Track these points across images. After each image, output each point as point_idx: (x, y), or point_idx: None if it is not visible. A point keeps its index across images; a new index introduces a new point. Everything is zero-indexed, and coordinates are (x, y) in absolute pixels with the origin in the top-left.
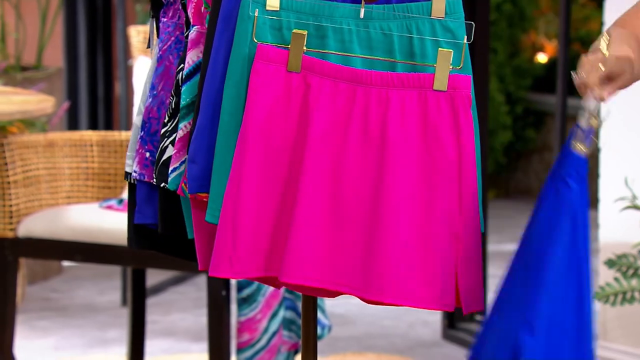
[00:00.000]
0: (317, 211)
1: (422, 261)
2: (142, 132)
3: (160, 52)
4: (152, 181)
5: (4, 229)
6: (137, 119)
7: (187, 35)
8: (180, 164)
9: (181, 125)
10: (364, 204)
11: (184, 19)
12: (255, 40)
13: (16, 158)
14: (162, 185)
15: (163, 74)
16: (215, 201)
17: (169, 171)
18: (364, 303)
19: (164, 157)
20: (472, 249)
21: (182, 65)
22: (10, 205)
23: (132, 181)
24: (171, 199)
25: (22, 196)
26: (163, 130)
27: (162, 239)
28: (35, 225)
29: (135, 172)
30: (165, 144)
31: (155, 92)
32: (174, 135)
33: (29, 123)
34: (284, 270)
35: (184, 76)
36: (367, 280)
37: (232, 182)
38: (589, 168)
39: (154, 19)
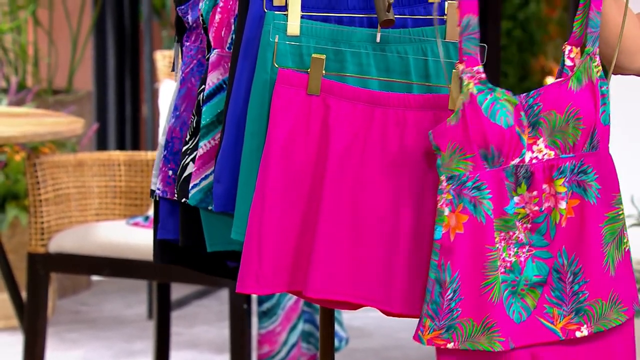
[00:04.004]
0: (338, 227)
1: None
2: (165, 151)
3: (183, 75)
4: (174, 198)
5: (35, 245)
6: (161, 138)
7: (209, 58)
8: (201, 180)
9: (201, 143)
10: (383, 219)
11: (206, 42)
12: (276, 65)
13: (47, 177)
14: (183, 200)
15: (185, 95)
16: (241, 219)
17: (190, 187)
18: (381, 316)
19: (185, 174)
20: None
21: (203, 86)
22: (42, 222)
23: (156, 198)
24: (192, 214)
25: (52, 213)
26: (184, 149)
27: (185, 254)
28: (65, 241)
29: (159, 189)
30: (186, 162)
31: (177, 113)
32: (195, 153)
33: (60, 144)
34: (309, 285)
35: (204, 97)
36: (388, 293)
37: (257, 200)
38: None
39: (179, 44)
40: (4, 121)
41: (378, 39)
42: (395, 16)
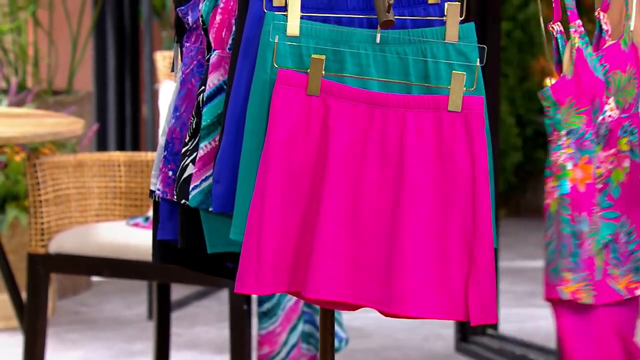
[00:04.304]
0: (338, 228)
1: (438, 275)
2: (165, 152)
3: (183, 76)
4: (174, 199)
5: (35, 246)
6: (161, 139)
7: (209, 59)
8: (201, 182)
9: (202, 145)
10: (383, 220)
11: (206, 43)
12: (276, 66)
13: (47, 178)
14: (182, 202)
15: (185, 96)
16: (240, 219)
17: (190, 189)
18: (380, 317)
19: (185, 175)
20: (486, 263)
21: (202, 87)
22: (42, 223)
23: (156, 199)
24: (191, 215)
25: (53, 214)
26: (184, 150)
27: (185, 255)
28: (66, 242)
29: (158, 190)
30: (186, 163)
31: (178, 114)
32: (195, 154)
33: (60, 144)
34: (308, 286)
35: (205, 98)
36: (387, 294)
37: (256, 200)
38: None
39: (179, 44)
40: (4, 122)
41: (378, 40)
42: (395, 17)
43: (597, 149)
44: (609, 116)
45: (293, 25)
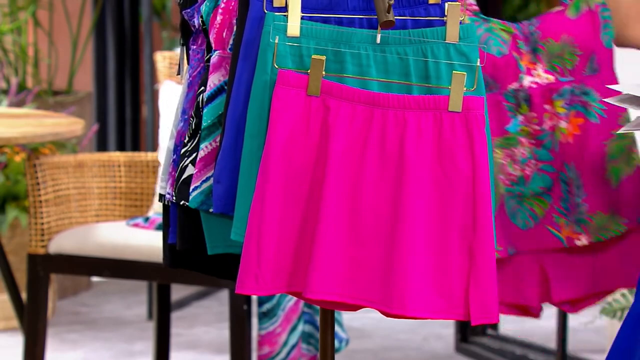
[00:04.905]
0: (338, 228)
1: (438, 275)
2: (174, 156)
3: (190, 78)
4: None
5: (35, 246)
6: (170, 142)
7: (209, 59)
8: (202, 183)
9: (202, 145)
10: (383, 220)
11: (206, 44)
12: (276, 66)
13: (47, 178)
14: (182, 203)
15: (193, 99)
16: (240, 220)
17: (190, 190)
18: (380, 317)
19: (184, 176)
20: (487, 263)
21: (202, 87)
22: (42, 223)
23: (166, 203)
24: (191, 216)
25: (53, 214)
26: (183, 151)
27: (195, 258)
28: (66, 242)
29: (168, 194)
30: (185, 163)
31: (186, 117)
32: (194, 155)
33: (60, 145)
34: (308, 286)
35: (205, 98)
36: (386, 294)
37: (256, 201)
38: None
39: (184, 47)
40: (4, 122)
41: (378, 40)
42: (395, 17)
43: (522, 110)
44: (535, 82)
45: (293, 26)
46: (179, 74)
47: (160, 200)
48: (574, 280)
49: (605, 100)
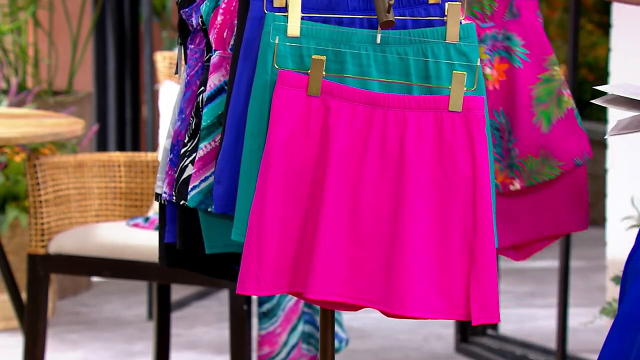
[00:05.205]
0: (338, 228)
1: (439, 274)
2: (171, 155)
3: (188, 78)
4: None
5: (35, 246)
6: (167, 142)
7: (209, 59)
8: (200, 182)
9: (202, 145)
10: (383, 220)
11: (206, 44)
12: (276, 66)
13: (47, 178)
14: (181, 202)
15: (190, 98)
16: (241, 220)
17: (189, 189)
18: (381, 317)
19: (184, 176)
20: (487, 263)
21: (202, 87)
22: (42, 224)
23: (162, 202)
24: (190, 216)
25: (53, 214)
26: (182, 151)
27: (191, 258)
28: (66, 242)
29: (165, 193)
30: (185, 163)
31: (183, 116)
32: (194, 155)
33: (60, 145)
34: (309, 286)
35: (205, 98)
36: (387, 294)
37: (257, 201)
38: (597, 188)
39: (182, 46)
40: (4, 122)
41: (378, 40)
42: (396, 17)
43: None
44: None
45: (293, 26)
46: (176, 73)
47: (156, 199)
48: (513, 225)
49: (593, 101)
